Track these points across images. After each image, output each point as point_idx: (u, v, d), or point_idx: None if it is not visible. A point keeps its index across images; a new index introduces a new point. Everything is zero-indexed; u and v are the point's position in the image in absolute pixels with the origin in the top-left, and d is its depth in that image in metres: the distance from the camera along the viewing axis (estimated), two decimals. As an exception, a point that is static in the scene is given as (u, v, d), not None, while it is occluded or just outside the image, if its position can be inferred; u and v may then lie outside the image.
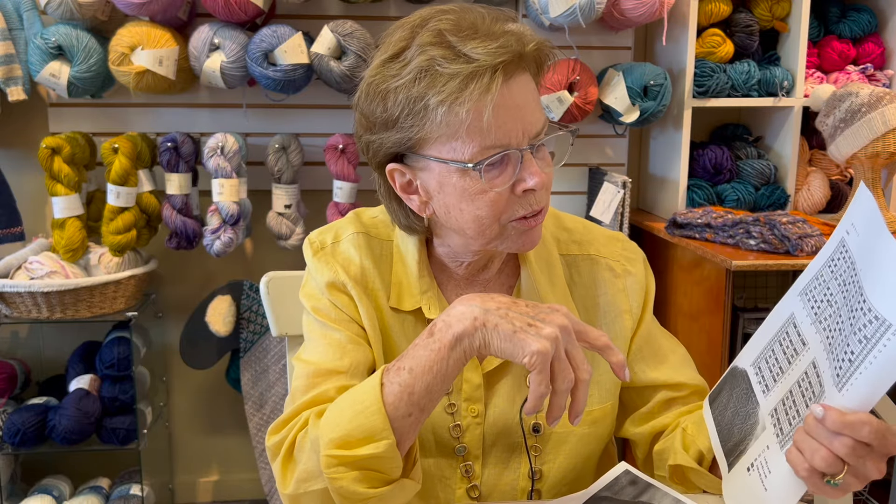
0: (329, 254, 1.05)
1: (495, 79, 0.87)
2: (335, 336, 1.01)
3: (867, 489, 2.35)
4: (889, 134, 2.09)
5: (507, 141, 0.91)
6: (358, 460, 0.86)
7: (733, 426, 0.92)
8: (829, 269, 0.83)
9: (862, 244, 0.78)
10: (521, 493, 1.06)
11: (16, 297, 2.08)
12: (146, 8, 2.04)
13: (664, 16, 2.16)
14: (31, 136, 2.36)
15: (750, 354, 0.94)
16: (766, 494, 0.83)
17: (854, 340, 0.74)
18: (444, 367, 0.85)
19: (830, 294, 0.82)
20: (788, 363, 0.86)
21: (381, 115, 0.93)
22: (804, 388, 0.82)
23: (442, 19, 0.91)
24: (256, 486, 2.56)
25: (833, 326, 0.79)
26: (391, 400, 0.86)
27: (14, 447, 2.15)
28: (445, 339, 0.85)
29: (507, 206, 0.94)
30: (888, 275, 0.72)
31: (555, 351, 0.82)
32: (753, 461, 0.87)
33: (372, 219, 1.10)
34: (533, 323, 0.83)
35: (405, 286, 1.04)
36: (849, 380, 0.74)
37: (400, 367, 0.88)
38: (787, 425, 0.83)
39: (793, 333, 0.87)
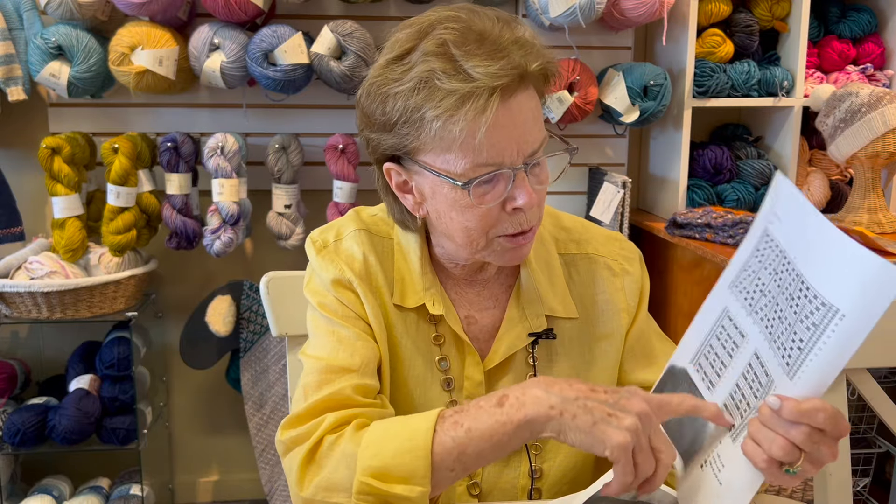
0: (332, 251, 1.05)
1: (492, 101, 0.87)
2: (343, 333, 1.01)
3: (867, 489, 2.34)
4: (889, 134, 2.09)
5: (500, 160, 0.90)
6: (388, 497, 0.85)
7: (682, 426, 0.91)
8: (756, 259, 0.83)
9: (789, 232, 0.78)
10: (522, 491, 1.06)
11: (16, 297, 2.08)
12: (146, 8, 2.04)
13: (664, 16, 2.16)
14: (31, 136, 2.36)
15: (686, 352, 0.92)
16: (720, 489, 0.83)
17: (801, 328, 0.74)
18: (506, 440, 0.84)
19: (762, 284, 0.81)
20: (730, 356, 0.86)
21: (379, 118, 0.94)
22: (750, 380, 0.82)
23: (449, 27, 0.90)
24: (256, 486, 2.56)
25: (771, 316, 0.79)
26: (440, 451, 0.85)
27: (14, 447, 2.15)
28: (515, 417, 0.84)
29: (496, 221, 0.94)
30: (830, 261, 0.72)
31: (638, 442, 0.80)
32: (706, 458, 0.86)
33: (372, 216, 1.10)
34: (612, 413, 0.81)
35: (408, 282, 1.05)
36: (800, 367, 0.75)
37: (458, 422, 0.86)
38: (739, 418, 0.83)
39: (729, 327, 0.86)
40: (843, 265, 0.71)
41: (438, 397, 1.04)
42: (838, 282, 0.71)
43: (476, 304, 1.07)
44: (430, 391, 1.04)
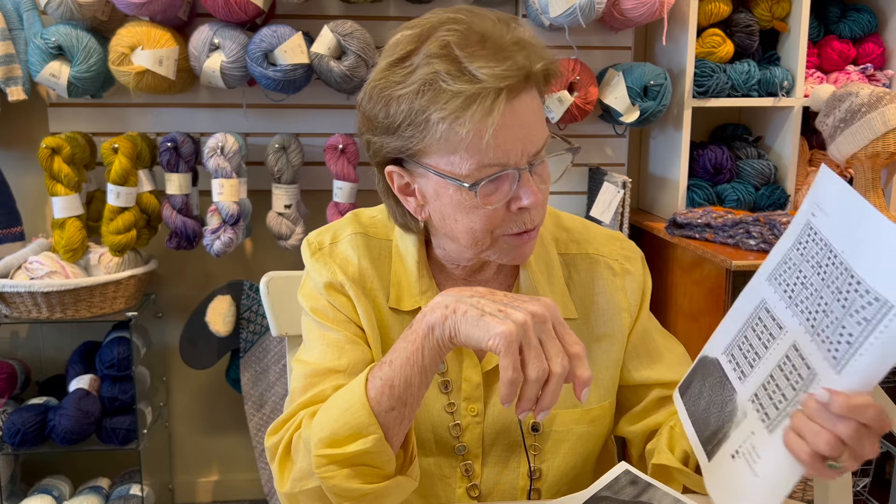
0: (327, 254, 1.05)
1: (498, 102, 0.87)
2: (333, 336, 1.01)
3: (867, 489, 2.34)
4: (889, 134, 2.09)
5: (505, 160, 0.90)
6: (348, 457, 0.86)
7: (709, 415, 0.91)
8: (797, 252, 0.83)
9: (837, 226, 0.77)
10: (521, 492, 1.06)
11: (16, 297, 2.08)
12: (146, 8, 2.04)
13: (664, 16, 2.16)
14: (31, 136, 2.36)
15: (720, 342, 0.93)
16: (756, 480, 0.82)
17: (851, 323, 0.74)
18: (420, 358, 0.85)
19: (804, 277, 0.81)
20: (765, 348, 0.85)
21: (382, 120, 0.93)
22: (787, 372, 0.82)
23: (451, 29, 0.90)
24: (256, 486, 2.56)
25: (814, 309, 0.79)
26: (374, 395, 0.87)
27: (14, 447, 2.15)
28: (420, 330, 0.85)
29: (501, 221, 0.94)
30: (884, 255, 0.72)
31: (524, 337, 0.79)
32: (738, 448, 0.86)
33: (371, 218, 1.10)
34: (503, 309, 0.81)
35: (404, 286, 1.05)
36: (848, 362, 0.74)
37: (383, 361, 0.88)
38: (773, 409, 0.82)
39: (766, 318, 0.86)
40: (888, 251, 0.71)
41: (436, 399, 1.05)
42: (892, 277, 0.71)
43: None
44: (428, 393, 1.04)
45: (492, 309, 0.81)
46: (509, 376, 0.78)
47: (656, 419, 1.08)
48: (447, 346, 0.85)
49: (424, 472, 1.05)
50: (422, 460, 1.04)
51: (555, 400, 0.80)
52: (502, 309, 0.81)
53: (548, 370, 0.79)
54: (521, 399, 0.80)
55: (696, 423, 0.93)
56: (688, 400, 0.96)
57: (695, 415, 0.94)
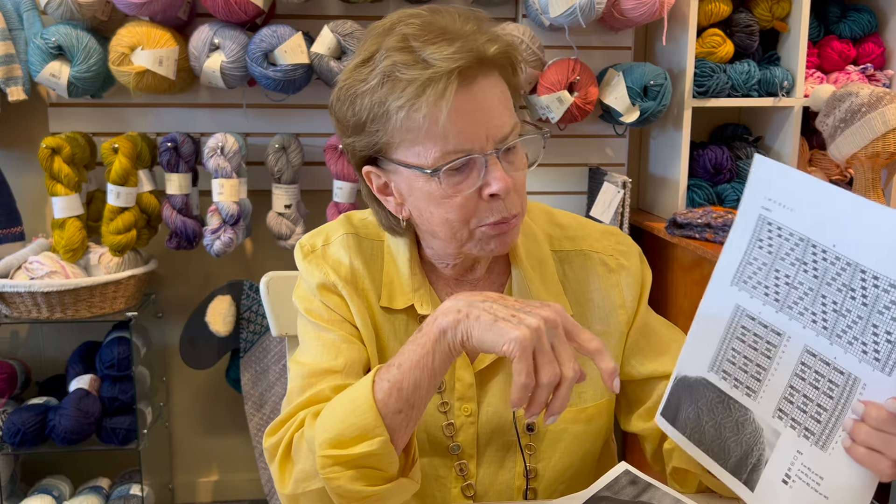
0: (319, 256, 1.06)
1: (450, 84, 0.87)
2: (329, 336, 1.01)
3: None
4: (889, 134, 2.09)
5: (468, 146, 0.91)
6: (353, 459, 0.86)
7: (725, 440, 0.87)
8: (763, 251, 0.81)
9: (810, 218, 0.77)
10: (517, 492, 1.06)
11: (16, 297, 2.08)
12: (146, 8, 2.04)
13: (664, 16, 2.16)
14: (31, 136, 2.36)
15: (700, 360, 0.89)
16: (827, 502, 0.79)
17: (885, 320, 0.73)
18: (430, 361, 0.85)
19: (787, 277, 0.79)
20: (767, 357, 0.83)
21: (350, 119, 0.95)
22: (812, 380, 0.79)
23: (409, 23, 0.91)
24: (256, 486, 2.56)
25: (818, 310, 0.78)
26: (381, 397, 0.87)
27: (14, 447, 2.15)
28: (431, 334, 0.85)
29: (475, 210, 0.94)
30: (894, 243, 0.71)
31: (538, 342, 0.80)
32: (788, 471, 0.82)
33: (362, 220, 1.10)
34: (516, 314, 0.82)
35: (396, 284, 1.05)
36: None
37: (391, 364, 0.88)
38: (814, 423, 0.79)
39: (753, 326, 0.83)
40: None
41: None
42: None
43: None
44: None
45: (505, 314, 0.82)
46: (522, 381, 0.79)
47: None
48: (458, 350, 0.85)
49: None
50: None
51: (565, 404, 0.81)
52: (515, 314, 0.82)
53: (560, 375, 0.80)
54: (532, 403, 0.81)
55: (710, 452, 0.89)
56: (684, 427, 0.92)
57: (704, 443, 0.89)
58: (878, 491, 2.35)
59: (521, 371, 0.79)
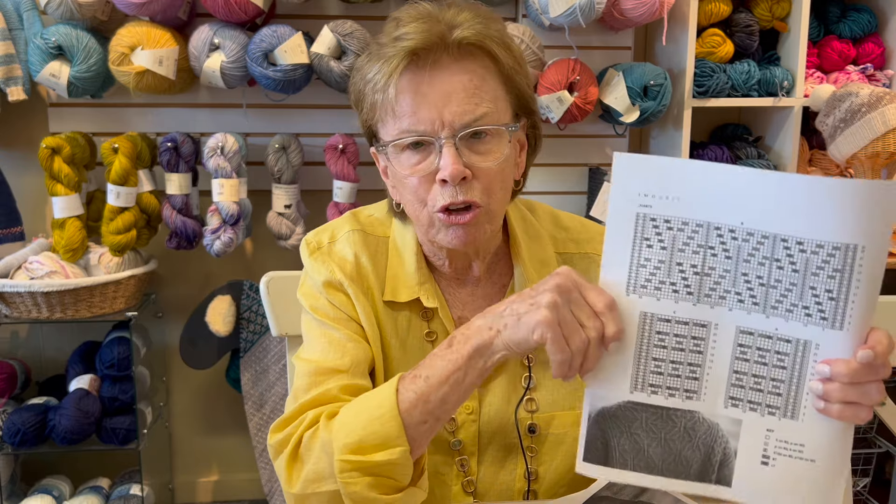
0: (325, 253, 1.06)
1: (400, 63, 0.91)
2: (334, 335, 1.01)
3: (867, 489, 2.34)
4: (889, 134, 2.09)
5: (420, 127, 0.92)
6: (372, 466, 0.86)
7: (679, 454, 0.83)
8: (655, 249, 0.78)
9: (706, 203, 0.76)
10: (518, 493, 1.06)
11: (16, 297, 2.08)
12: (146, 8, 2.04)
13: (664, 16, 2.16)
14: (31, 136, 2.36)
15: (614, 386, 0.83)
16: (817, 465, 0.79)
17: (820, 280, 0.74)
18: (462, 377, 0.86)
19: (693, 267, 0.78)
20: (699, 353, 0.80)
21: (352, 98, 1.01)
22: (756, 358, 0.79)
23: (409, 11, 0.96)
24: (256, 486, 2.56)
25: (741, 289, 0.77)
26: (406, 407, 0.87)
27: (14, 447, 2.15)
28: (464, 351, 0.85)
29: (429, 193, 0.96)
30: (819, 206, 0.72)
31: (559, 315, 0.80)
32: (765, 452, 0.81)
33: (368, 217, 1.11)
34: (532, 301, 0.83)
35: (401, 278, 1.05)
36: (845, 313, 0.74)
37: (416, 375, 0.88)
38: (775, 397, 0.79)
39: (672, 327, 0.80)
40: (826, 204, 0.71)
41: None
42: (844, 222, 0.71)
43: (469, 305, 1.07)
44: None
45: (524, 307, 0.83)
46: (560, 358, 0.80)
47: None
48: (495, 364, 0.86)
49: None
50: None
51: (597, 361, 0.82)
52: (532, 302, 0.82)
53: (587, 339, 0.80)
54: (569, 369, 0.81)
55: (666, 472, 0.83)
56: (622, 461, 0.85)
57: (655, 467, 0.84)
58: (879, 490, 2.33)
59: (556, 350, 0.80)
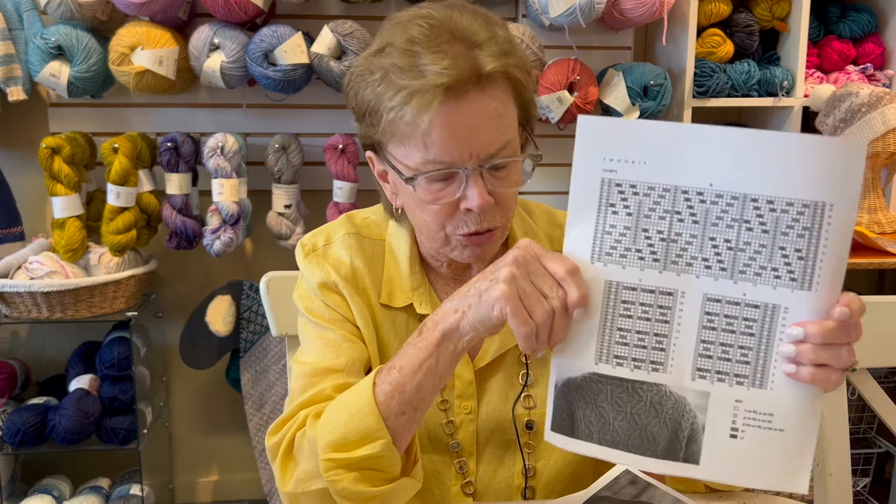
0: (320, 255, 1.06)
1: (435, 99, 0.87)
2: (330, 336, 1.01)
3: (867, 489, 2.34)
4: (889, 134, 2.09)
5: (449, 159, 0.90)
6: (356, 461, 0.87)
7: (645, 429, 0.81)
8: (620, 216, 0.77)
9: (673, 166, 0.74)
10: (516, 490, 1.06)
11: (16, 297, 2.08)
12: (146, 8, 2.04)
13: (664, 16, 2.16)
14: (31, 136, 2.36)
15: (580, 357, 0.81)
16: (784, 434, 0.78)
17: (790, 240, 0.73)
18: (434, 363, 0.86)
19: (660, 233, 0.76)
20: (665, 323, 0.78)
21: (354, 107, 0.97)
22: (724, 326, 0.77)
23: (421, 23, 0.91)
24: (256, 486, 2.56)
25: (709, 255, 0.76)
26: (383, 399, 0.87)
27: (14, 447, 2.15)
28: (433, 337, 0.85)
29: (450, 218, 0.95)
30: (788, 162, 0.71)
31: (519, 288, 0.79)
32: (734, 425, 0.79)
33: (364, 220, 1.11)
34: (491, 277, 0.82)
35: (396, 283, 1.05)
36: (814, 272, 0.74)
37: (391, 366, 0.89)
38: (743, 366, 0.77)
39: (638, 296, 0.78)
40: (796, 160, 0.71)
41: None
42: (808, 176, 0.71)
43: None
44: None
45: (485, 285, 0.82)
46: (524, 331, 0.79)
47: None
48: (467, 347, 0.86)
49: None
50: None
51: (565, 332, 0.80)
52: (491, 279, 0.82)
53: (550, 309, 0.79)
54: (537, 341, 0.80)
55: (632, 447, 0.82)
56: (588, 434, 0.83)
57: (620, 441, 0.82)
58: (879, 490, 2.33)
59: (518, 324, 0.79)
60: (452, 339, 0.85)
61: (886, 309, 1.25)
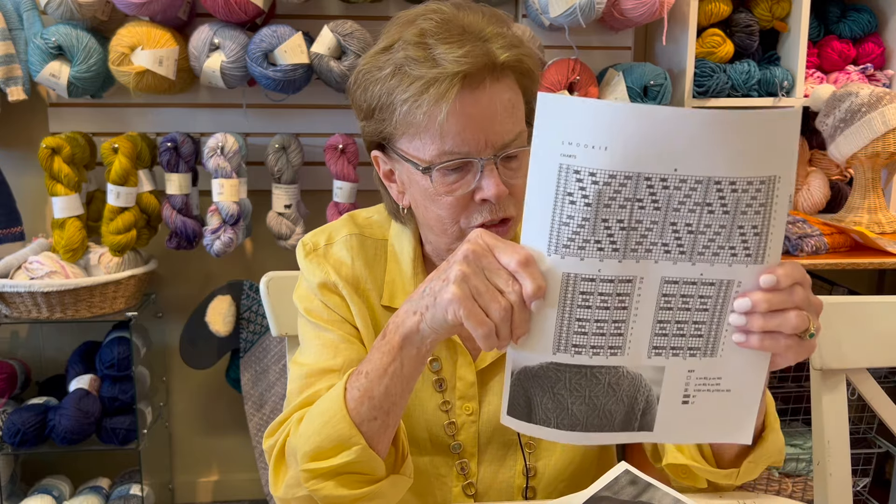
0: (321, 255, 1.06)
1: (453, 87, 0.87)
2: (328, 336, 1.01)
3: (867, 489, 2.34)
4: (889, 134, 2.09)
5: (465, 149, 0.91)
6: (334, 469, 0.87)
7: (603, 408, 0.81)
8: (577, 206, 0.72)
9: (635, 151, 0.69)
10: (517, 490, 1.06)
11: (16, 297, 2.08)
12: (146, 8, 2.04)
13: (664, 16, 2.16)
14: (31, 136, 2.36)
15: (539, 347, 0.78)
16: (731, 394, 0.80)
17: (748, 218, 0.73)
18: (399, 367, 0.84)
19: (620, 223, 0.73)
20: (623, 310, 0.76)
21: (362, 104, 0.97)
22: (679, 305, 0.77)
23: (430, 18, 0.92)
24: (256, 486, 2.56)
25: (668, 240, 0.74)
26: (353, 406, 0.87)
27: (14, 447, 2.15)
28: (395, 341, 0.84)
29: (466, 210, 0.94)
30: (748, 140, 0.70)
31: (471, 286, 0.76)
32: (685, 392, 0.80)
33: (367, 219, 1.10)
34: (444, 277, 0.78)
35: (398, 284, 1.05)
36: (766, 246, 0.75)
37: (359, 371, 0.88)
38: (697, 339, 0.78)
39: (597, 287, 0.75)
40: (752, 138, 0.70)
41: (430, 398, 1.05)
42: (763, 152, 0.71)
43: None
44: (422, 392, 1.05)
45: (438, 285, 0.79)
46: (482, 332, 0.76)
47: None
48: (431, 348, 0.84)
49: (420, 470, 1.05)
50: (417, 459, 1.04)
51: (526, 325, 0.76)
52: (444, 279, 0.78)
53: (508, 305, 0.75)
54: (499, 339, 0.77)
55: (590, 426, 0.82)
56: (546, 419, 0.82)
57: (580, 423, 0.81)
58: (879, 490, 2.33)
59: (474, 326, 0.75)
60: (414, 342, 0.83)
61: (886, 309, 1.25)
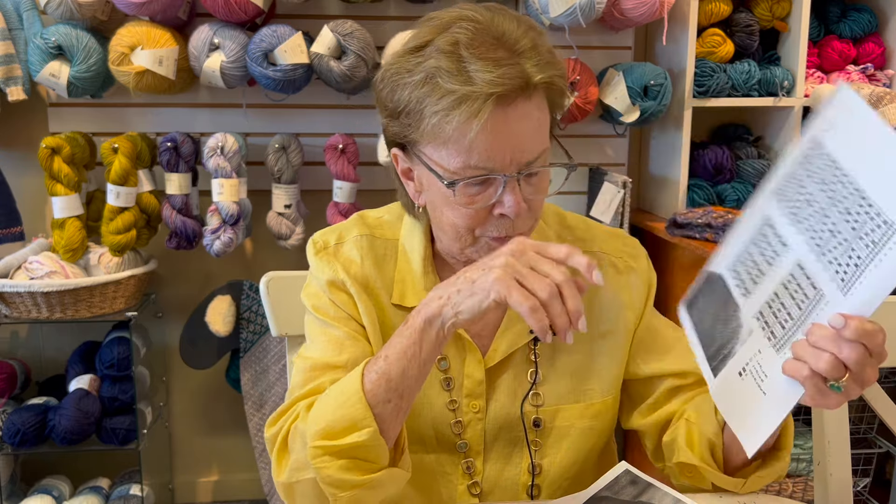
0: (331, 254, 1.07)
1: (486, 107, 0.88)
2: (334, 333, 1.02)
3: (867, 489, 2.34)
4: (889, 134, 2.09)
5: (491, 165, 0.91)
6: (343, 449, 0.88)
7: (714, 331, 0.93)
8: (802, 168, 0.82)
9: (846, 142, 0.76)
10: (522, 487, 1.06)
11: (16, 297, 2.08)
12: (146, 8, 2.04)
13: (664, 16, 2.16)
14: (31, 136, 2.36)
15: (725, 258, 0.93)
16: (765, 399, 0.84)
17: (860, 245, 0.74)
18: (418, 349, 0.88)
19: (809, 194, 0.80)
20: (768, 264, 0.86)
21: (388, 104, 0.96)
22: (793, 291, 0.82)
23: (465, 27, 0.91)
24: (256, 486, 2.56)
25: (820, 228, 0.79)
26: (370, 388, 0.89)
27: (14, 447, 2.15)
28: (416, 324, 0.88)
29: (482, 222, 0.95)
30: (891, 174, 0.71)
31: (515, 272, 0.82)
32: (745, 365, 0.87)
33: (377, 219, 1.11)
34: (485, 266, 0.85)
35: (409, 283, 1.05)
36: (854, 284, 0.75)
37: (378, 356, 0.91)
38: (780, 328, 0.83)
39: (770, 235, 0.86)
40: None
41: (438, 396, 1.05)
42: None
43: None
44: (430, 390, 1.05)
45: (476, 274, 0.86)
46: (527, 307, 0.81)
47: (669, 409, 1.08)
48: (449, 334, 0.88)
49: (425, 468, 1.05)
50: (423, 457, 1.05)
51: (580, 304, 0.82)
52: (484, 267, 0.85)
53: (554, 284, 0.81)
54: (553, 322, 0.82)
55: (702, 338, 0.94)
56: (694, 315, 0.97)
57: (701, 331, 0.95)
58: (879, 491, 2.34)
59: (521, 301, 0.81)
60: (434, 325, 0.87)
61: (886, 309, 1.25)
